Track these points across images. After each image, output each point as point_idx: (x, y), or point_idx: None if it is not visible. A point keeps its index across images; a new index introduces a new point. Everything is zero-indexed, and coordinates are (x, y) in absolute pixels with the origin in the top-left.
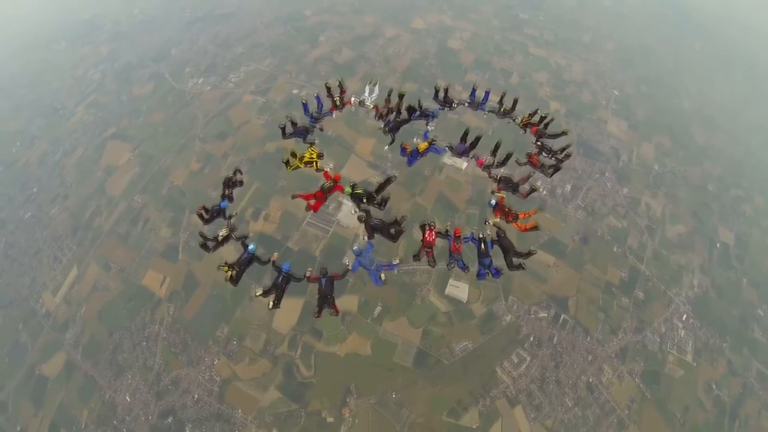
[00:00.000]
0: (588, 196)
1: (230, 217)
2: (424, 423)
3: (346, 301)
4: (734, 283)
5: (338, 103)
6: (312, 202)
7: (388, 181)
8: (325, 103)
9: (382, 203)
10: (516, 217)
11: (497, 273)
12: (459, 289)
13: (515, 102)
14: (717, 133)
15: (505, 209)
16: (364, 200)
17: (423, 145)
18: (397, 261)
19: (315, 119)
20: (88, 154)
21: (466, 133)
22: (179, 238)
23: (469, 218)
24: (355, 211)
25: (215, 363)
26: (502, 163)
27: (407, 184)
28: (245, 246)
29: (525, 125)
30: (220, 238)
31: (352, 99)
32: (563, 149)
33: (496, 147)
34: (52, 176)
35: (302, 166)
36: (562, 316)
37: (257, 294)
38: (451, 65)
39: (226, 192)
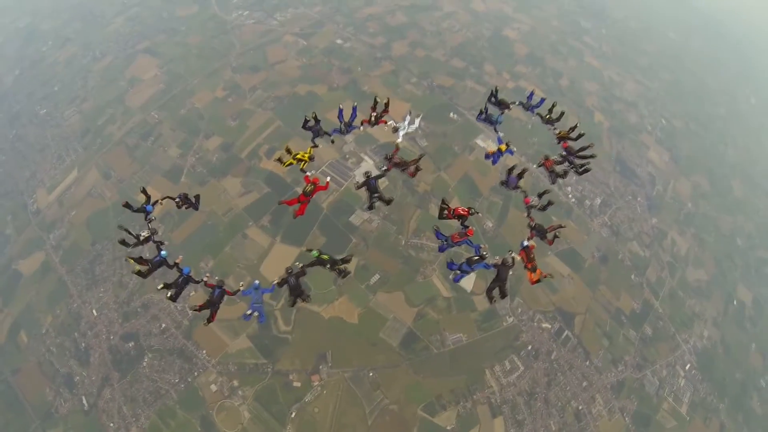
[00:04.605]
0: (616, 215)
1: (150, 221)
2: (396, 411)
3: None
4: (743, 345)
5: (373, 119)
6: (296, 207)
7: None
8: (359, 115)
9: (342, 272)
10: (534, 269)
11: (458, 279)
12: (466, 276)
13: (562, 114)
14: (756, 192)
15: (530, 256)
16: (327, 266)
17: (503, 147)
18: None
19: (340, 131)
20: (116, 63)
21: (513, 168)
22: (186, 160)
23: (491, 206)
24: (298, 264)
25: (191, 295)
26: (543, 209)
27: (435, 156)
28: (159, 250)
29: (561, 138)
30: (141, 239)
31: (389, 122)
32: (582, 165)
33: (543, 192)
34: (75, 78)
35: (294, 162)
36: (566, 332)
37: (159, 287)
38: (503, 53)
39: (176, 200)
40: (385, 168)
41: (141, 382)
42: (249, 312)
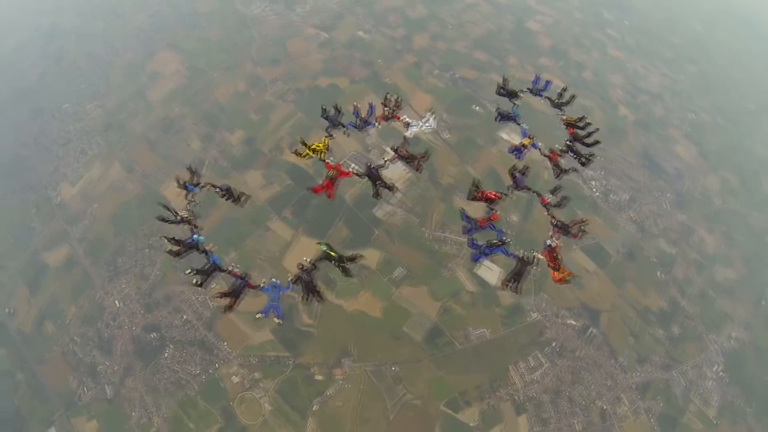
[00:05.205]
0: (642, 211)
1: (190, 202)
2: (419, 407)
3: (366, 255)
4: None
5: (388, 114)
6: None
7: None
8: (376, 111)
9: (346, 270)
10: (557, 268)
11: (476, 258)
12: (491, 271)
13: (573, 98)
14: None
15: (554, 255)
16: (333, 261)
17: (527, 141)
18: (272, 320)
19: (355, 125)
20: (137, 59)
21: (514, 167)
22: (208, 153)
23: (517, 201)
24: (307, 259)
25: (213, 287)
26: (559, 204)
27: (459, 149)
28: (193, 233)
29: (567, 124)
30: (178, 218)
31: (403, 118)
32: (588, 156)
33: (555, 189)
34: (97, 73)
35: (311, 154)
36: (592, 329)
37: (187, 272)
38: (527, 45)
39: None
40: (387, 159)
41: (163, 372)
42: (261, 316)
